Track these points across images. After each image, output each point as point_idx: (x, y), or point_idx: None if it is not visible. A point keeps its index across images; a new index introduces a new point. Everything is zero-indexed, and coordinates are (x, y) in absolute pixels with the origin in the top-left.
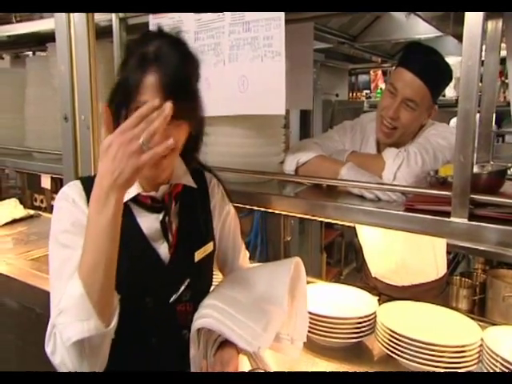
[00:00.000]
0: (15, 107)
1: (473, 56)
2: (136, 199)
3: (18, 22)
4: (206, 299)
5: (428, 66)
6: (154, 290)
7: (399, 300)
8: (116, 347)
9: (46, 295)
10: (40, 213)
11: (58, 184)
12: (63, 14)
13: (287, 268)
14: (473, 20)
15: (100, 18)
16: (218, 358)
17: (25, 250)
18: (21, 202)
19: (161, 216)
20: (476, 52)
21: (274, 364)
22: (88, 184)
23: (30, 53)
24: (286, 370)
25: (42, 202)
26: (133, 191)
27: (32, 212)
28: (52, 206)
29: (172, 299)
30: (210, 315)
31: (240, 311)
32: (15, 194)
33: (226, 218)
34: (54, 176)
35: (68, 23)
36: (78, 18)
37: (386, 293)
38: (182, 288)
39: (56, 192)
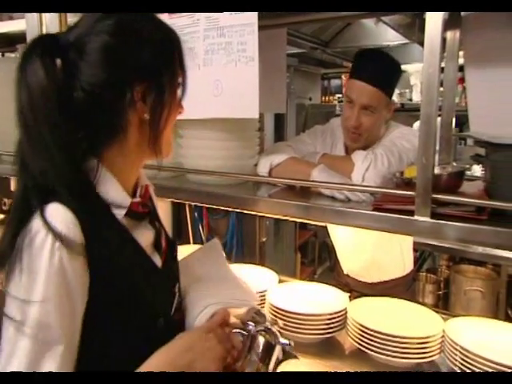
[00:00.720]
0: None
1: (433, 63)
2: (128, 210)
3: None
4: (189, 299)
5: (375, 69)
6: (162, 306)
7: (369, 296)
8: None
9: None
10: None
11: None
12: (34, 15)
13: (219, 252)
14: (432, 30)
15: (72, 20)
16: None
17: None
18: None
19: (147, 222)
20: (436, 60)
21: None
22: (78, 209)
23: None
24: None
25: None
26: (126, 201)
27: (1, 216)
28: None
29: (173, 310)
30: (206, 304)
31: (221, 289)
32: None
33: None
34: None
35: (40, 25)
36: (49, 20)
37: (357, 289)
38: (177, 294)
39: None
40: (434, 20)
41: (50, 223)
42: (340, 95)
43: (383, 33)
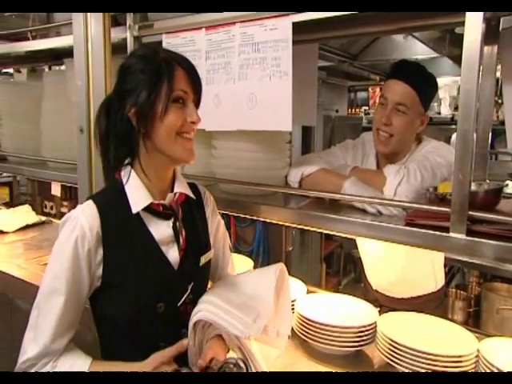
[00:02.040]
0: (31, 119)
1: (471, 79)
2: (148, 208)
3: (33, 37)
4: (201, 298)
5: (413, 73)
6: (166, 295)
7: (399, 311)
8: (126, 354)
9: None
10: (51, 219)
11: (67, 192)
12: (81, 32)
13: (273, 272)
14: (471, 45)
15: (115, 35)
16: (208, 346)
17: (38, 255)
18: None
19: (171, 222)
20: (474, 75)
21: (276, 366)
22: (103, 203)
23: (46, 66)
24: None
25: (51, 208)
26: (146, 201)
27: (44, 218)
28: (61, 212)
29: (180, 303)
30: (206, 309)
31: (232, 306)
32: (26, 201)
33: (217, 227)
34: (64, 184)
35: (86, 40)
36: (95, 36)
37: (386, 305)
38: (188, 291)
39: (65, 199)
40: (472, 34)
41: (79, 212)
42: (366, 107)
43: (412, 46)
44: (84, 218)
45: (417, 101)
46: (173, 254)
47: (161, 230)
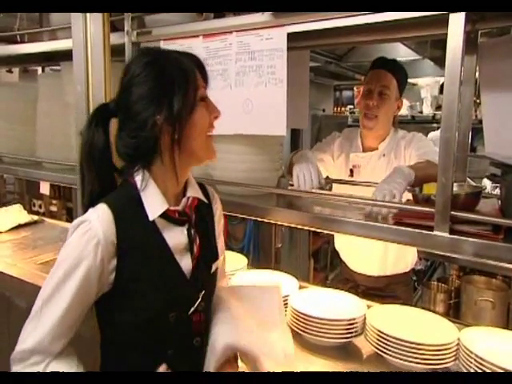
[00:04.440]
0: (25, 120)
1: (453, 92)
2: (163, 214)
3: (21, 37)
4: (220, 318)
5: (391, 64)
6: (178, 304)
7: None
8: (131, 359)
9: None
10: (44, 218)
11: (56, 191)
12: (81, 36)
13: (277, 296)
14: (453, 62)
15: (112, 41)
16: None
17: (33, 255)
18: None
19: (185, 229)
20: (455, 89)
21: None
22: (118, 210)
23: (39, 67)
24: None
25: (40, 207)
26: (162, 207)
27: (36, 217)
28: (50, 211)
29: (191, 311)
30: (245, 338)
31: (263, 342)
32: (13, 200)
33: (221, 232)
34: (57, 184)
35: (85, 45)
36: (94, 40)
37: (364, 283)
38: (200, 299)
39: (54, 198)
40: (454, 54)
41: (95, 218)
42: (351, 106)
43: (395, 48)
44: (99, 225)
45: (395, 85)
46: (186, 262)
47: (175, 237)
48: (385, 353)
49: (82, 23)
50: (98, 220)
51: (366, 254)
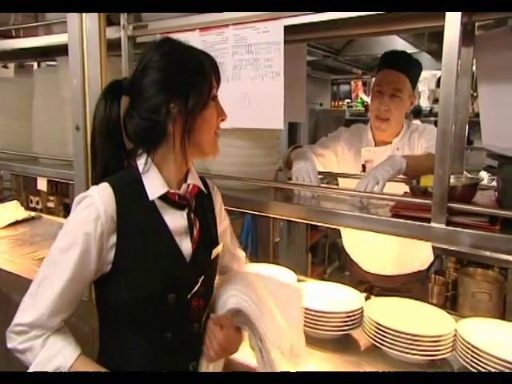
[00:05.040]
0: (21, 115)
1: (449, 84)
2: (164, 197)
3: (16, 32)
4: (235, 287)
5: (402, 61)
6: (177, 285)
7: (389, 289)
8: (129, 342)
9: None
10: (41, 214)
11: (53, 186)
12: (76, 31)
13: (298, 297)
14: (450, 55)
15: (108, 35)
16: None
17: (31, 251)
18: None
19: (185, 213)
20: (452, 81)
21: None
22: (119, 188)
23: (35, 62)
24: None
25: (37, 203)
26: (162, 189)
27: (33, 214)
28: (47, 207)
29: (190, 294)
30: (250, 303)
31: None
32: (10, 196)
33: (225, 223)
34: (55, 180)
35: (81, 39)
36: (90, 34)
37: (378, 284)
38: (199, 283)
39: (52, 194)
40: (451, 45)
41: (96, 193)
42: (349, 100)
43: (393, 42)
44: (100, 200)
45: (408, 84)
46: (186, 246)
47: (175, 219)
48: (382, 345)
49: (78, 17)
50: (99, 195)
51: (379, 254)
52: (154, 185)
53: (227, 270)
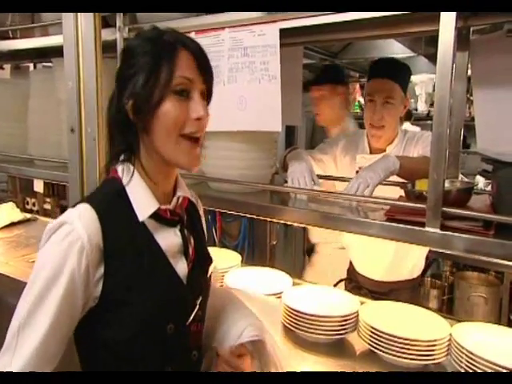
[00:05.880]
0: (16, 117)
1: (444, 87)
2: (154, 215)
3: (13, 33)
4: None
5: (392, 68)
6: (176, 313)
7: (377, 293)
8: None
9: None
10: (37, 216)
11: (50, 188)
12: (72, 32)
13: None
14: (444, 59)
15: (104, 36)
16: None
17: (25, 253)
18: None
19: (177, 230)
20: (446, 84)
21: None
22: (103, 209)
23: (31, 63)
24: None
25: (33, 205)
26: (152, 206)
27: (29, 215)
28: (44, 209)
29: (190, 320)
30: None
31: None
32: (6, 198)
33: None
34: (51, 182)
35: (76, 41)
36: (85, 36)
37: (366, 286)
38: (198, 307)
39: (48, 196)
40: (445, 49)
41: (76, 218)
42: None
43: (390, 46)
44: (82, 227)
45: (399, 90)
46: (181, 266)
47: (168, 238)
48: (377, 349)
49: (73, 19)
50: (80, 221)
51: (374, 257)
52: (142, 201)
53: None
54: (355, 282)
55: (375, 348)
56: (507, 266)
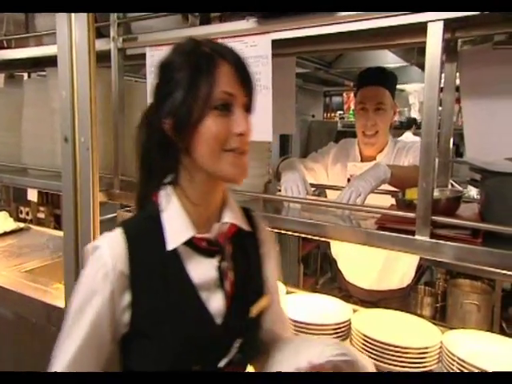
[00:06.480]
0: (10, 126)
1: (432, 97)
2: (188, 241)
3: (8, 43)
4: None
5: (380, 75)
6: (203, 355)
7: (367, 302)
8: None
9: (42, 305)
10: (30, 226)
11: (43, 197)
12: (65, 42)
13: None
14: (432, 69)
15: (98, 47)
16: None
17: (18, 263)
18: None
19: (216, 261)
20: (435, 95)
21: None
22: (133, 234)
23: (25, 73)
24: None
25: (27, 214)
26: (186, 234)
27: (22, 225)
28: (37, 218)
29: (224, 363)
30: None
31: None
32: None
33: (274, 269)
34: (43, 191)
35: (70, 50)
36: (79, 46)
37: (356, 295)
38: (235, 351)
39: (42, 205)
40: (433, 61)
41: (105, 244)
42: (341, 112)
43: (383, 56)
44: (108, 252)
45: (389, 96)
46: (216, 303)
47: (202, 270)
48: (370, 357)
49: (67, 28)
50: (109, 247)
51: (363, 266)
52: (176, 228)
53: (270, 335)
54: (345, 291)
55: (367, 356)
56: (498, 274)
